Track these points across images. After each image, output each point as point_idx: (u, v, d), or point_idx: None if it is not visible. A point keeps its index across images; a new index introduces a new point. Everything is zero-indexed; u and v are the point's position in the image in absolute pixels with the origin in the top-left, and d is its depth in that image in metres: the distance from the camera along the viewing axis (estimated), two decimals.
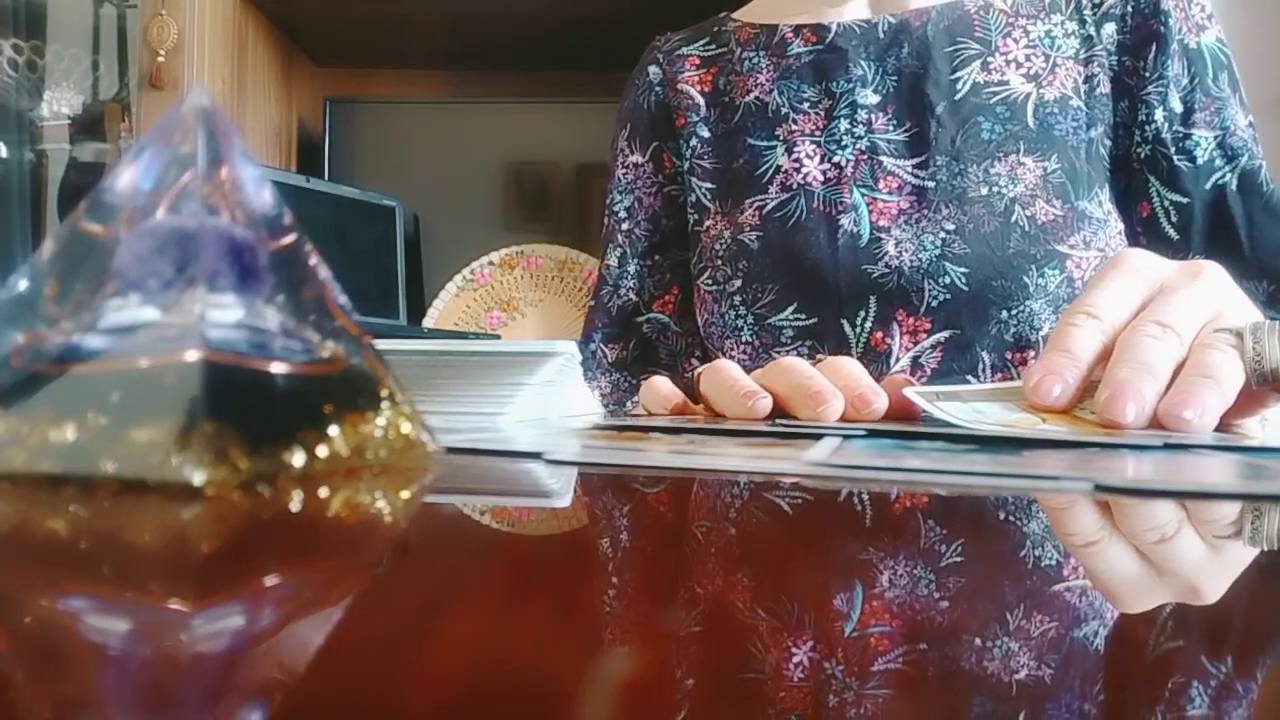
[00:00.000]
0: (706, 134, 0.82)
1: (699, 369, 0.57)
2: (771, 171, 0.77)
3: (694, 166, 0.82)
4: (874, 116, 0.75)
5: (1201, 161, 0.71)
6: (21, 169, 1.48)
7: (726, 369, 0.53)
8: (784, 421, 0.47)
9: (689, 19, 0.89)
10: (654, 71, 0.86)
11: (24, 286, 0.25)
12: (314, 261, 0.26)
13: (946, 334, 0.70)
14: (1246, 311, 0.47)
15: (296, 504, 0.21)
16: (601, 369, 0.86)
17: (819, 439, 0.37)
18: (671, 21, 0.91)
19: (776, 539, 0.20)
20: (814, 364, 0.50)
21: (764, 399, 0.49)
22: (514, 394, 0.47)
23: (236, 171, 0.25)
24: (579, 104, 1.38)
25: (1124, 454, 0.34)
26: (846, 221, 0.73)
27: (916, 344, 0.71)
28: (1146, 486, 0.26)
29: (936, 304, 0.70)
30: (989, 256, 0.69)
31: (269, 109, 1.38)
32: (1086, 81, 0.74)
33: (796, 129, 0.77)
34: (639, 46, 0.90)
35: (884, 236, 0.72)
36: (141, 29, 1.18)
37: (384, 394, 0.27)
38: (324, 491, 0.22)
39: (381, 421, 0.26)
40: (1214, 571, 0.17)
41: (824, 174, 0.75)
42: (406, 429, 0.27)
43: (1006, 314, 0.69)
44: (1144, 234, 0.73)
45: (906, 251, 0.71)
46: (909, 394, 0.45)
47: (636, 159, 0.87)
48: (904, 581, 0.15)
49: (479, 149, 1.39)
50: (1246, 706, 0.10)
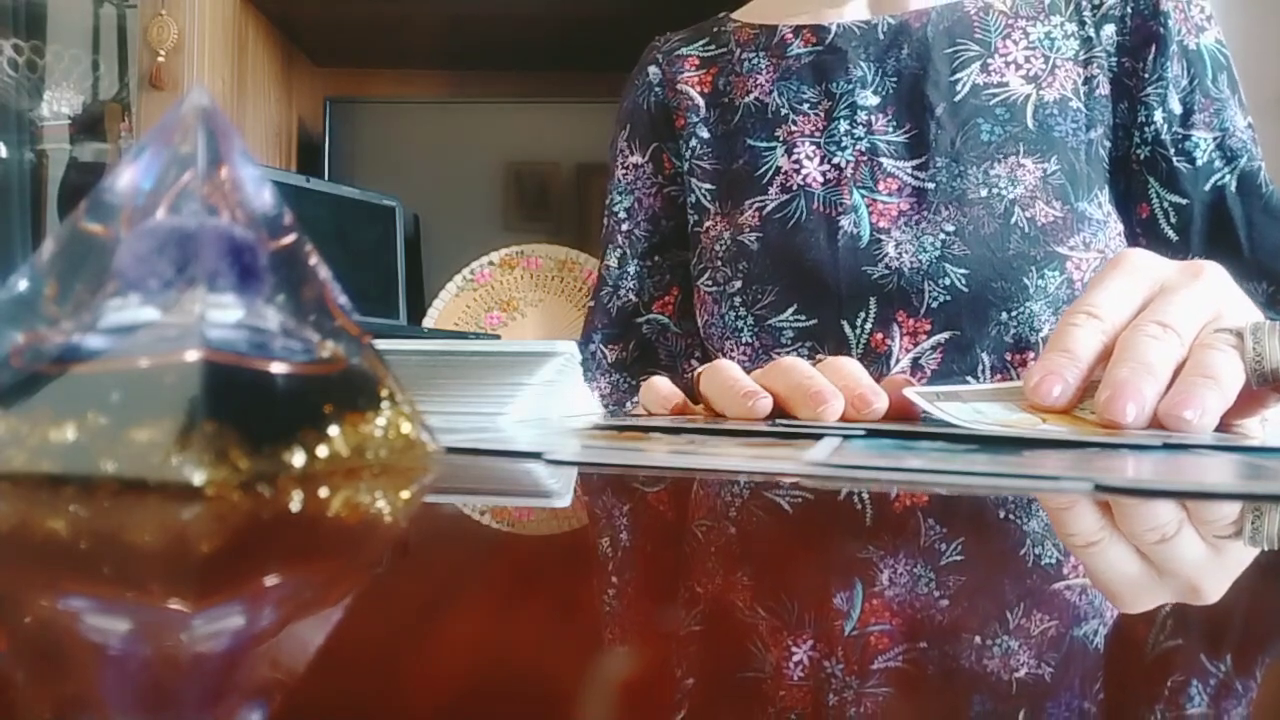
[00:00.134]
0: (706, 135, 0.82)
1: (699, 369, 0.57)
2: (771, 172, 0.77)
3: (694, 167, 0.82)
4: (874, 118, 0.75)
5: (1201, 163, 0.71)
6: (21, 169, 1.48)
7: (726, 369, 0.53)
8: (784, 421, 0.47)
9: (689, 19, 0.89)
10: (653, 72, 0.86)
11: (24, 286, 0.25)
12: (314, 261, 0.26)
13: (946, 335, 0.70)
14: (1247, 311, 0.47)
15: (296, 504, 0.21)
16: (601, 370, 0.86)
17: (819, 439, 0.37)
18: (671, 21, 0.91)
19: (776, 539, 0.20)
20: (814, 364, 0.50)
21: (764, 399, 0.49)
22: (514, 394, 0.47)
23: (236, 171, 0.25)
24: (579, 104, 1.38)
25: (1124, 454, 0.34)
26: (846, 223, 0.73)
27: (916, 345, 0.71)
28: (1146, 486, 0.26)
29: (936, 305, 0.70)
30: (989, 258, 0.69)
31: (269, 109, 1.38)
32: (1086, 83, 0.74)
33: (796, 130, 0.77)
34: (639, 46, 0.90)
35: (884, 238, 0.72)
36: (141, 29, 1.18)
37: (384, 394, 0.27)
38: (324, 491, 0.22)
39: (381, 421, 0.26)
40: (1214, 571, 0.17)
41: (824, 175, 0.75)
42: (406, 429, 0.27)
43: (1006, 315, 0.69)
44: (1143, 235, 0.73)
45: (906, 253, 0.71)
46: (909, 394, 0.45)
47: (636, 159, 0.87)
48: (904, 581, 0.15)
49: (479, 149, 1.39)
50: (1246, 706, 0.10)
